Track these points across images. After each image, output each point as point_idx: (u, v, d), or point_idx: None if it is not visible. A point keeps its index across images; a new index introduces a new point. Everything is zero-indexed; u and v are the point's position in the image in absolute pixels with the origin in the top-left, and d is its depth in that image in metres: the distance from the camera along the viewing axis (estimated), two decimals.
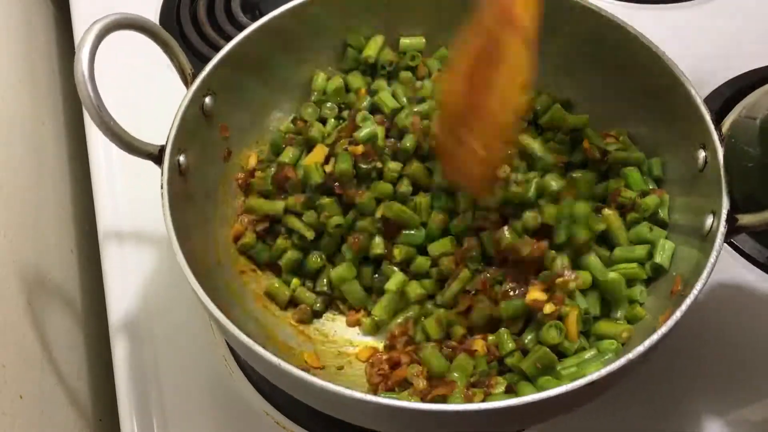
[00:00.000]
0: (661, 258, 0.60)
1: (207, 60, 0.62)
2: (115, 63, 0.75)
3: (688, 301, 0.50)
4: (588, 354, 0.58)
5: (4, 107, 0.72)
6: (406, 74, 0.72)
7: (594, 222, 0.61)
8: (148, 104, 0.78)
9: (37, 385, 0.62)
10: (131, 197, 0.74)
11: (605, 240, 0.63)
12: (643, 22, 0.65)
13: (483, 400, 0.54)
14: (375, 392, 0.58)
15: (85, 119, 0.81)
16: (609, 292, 0.60)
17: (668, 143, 0.64)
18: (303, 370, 0.48)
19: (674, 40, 0.72)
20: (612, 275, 0.60)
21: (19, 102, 0.77)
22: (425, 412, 0.47)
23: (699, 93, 0.58)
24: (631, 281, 0.61)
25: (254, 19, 0.87)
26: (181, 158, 0.58)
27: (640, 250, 0.61)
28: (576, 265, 0.60)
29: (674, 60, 0.60)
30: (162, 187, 0.55)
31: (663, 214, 0.63)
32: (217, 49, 0.82)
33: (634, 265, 0.61)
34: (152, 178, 0.57)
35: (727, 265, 0.68)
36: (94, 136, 0.79)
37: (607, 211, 0.63)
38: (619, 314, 0.60)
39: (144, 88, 0.81)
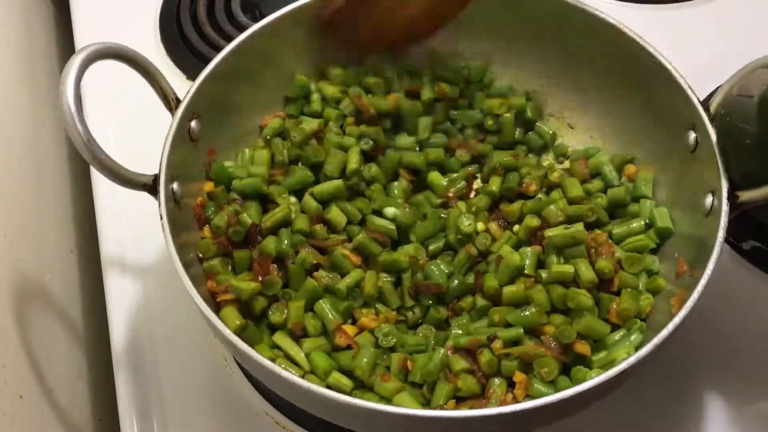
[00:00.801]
0: (662, 221, 0.61)
1: (207, 61, 0.62)
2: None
3: (703, 281, 0.50)
4: (617, 335, 0.57)
5: (4, 107, 0.72)
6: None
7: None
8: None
9: (37, 385, 0.62)
10: (132, 196, 0.74)
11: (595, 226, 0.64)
12: (642, 22, 0.65)
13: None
14: None
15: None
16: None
17: (656, 127, 0.64)
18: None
19: (674, 40, 0.72)
20: (623, 254, 0.60)
21: (19, 102, 0.77)
22: (462, 419, 0.46)
23: (698, 94, 0.58)
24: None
25: (254, 19, 0.87)
26: (175, 186, 0.58)
27: (637, 223, 0.62)
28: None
29: (674, 60, 0.61)
30: (161, 218, 0.54)
31: (647, 190, 0.64)
32: (218, 49, 0.83)
33: (641, 236, 0.61)
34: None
35: (726, 264, 0.68)
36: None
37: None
38: (641, 286, 0.60)
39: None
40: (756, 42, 0.82)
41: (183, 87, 0.59)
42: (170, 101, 0.60)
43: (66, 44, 0.97)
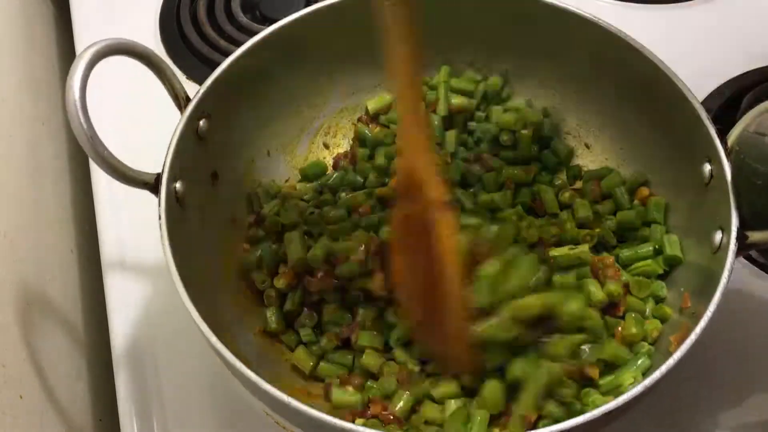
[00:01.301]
0: (671, 249, 0.60)
1: (207, 60, 0.62)
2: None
3: (702, 324, 0.49)
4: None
5: (4, 107, 0.72)
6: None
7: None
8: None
9: (37, 385, 0.62)
10: (132, 196, 0.74)
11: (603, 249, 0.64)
12: (641, 22, 0.65)
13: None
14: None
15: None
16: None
17: (673, 155, 0.63)
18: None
19: (673, 40, 0.72)
20: (630, 279, 0.60)
21: (19, 102, 0.77)
22: None
23: (699, 93, 0.58)
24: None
25: (254, 19, 0.87)
26: (178, 185, 0.57)
27: (646, 248, 0.62)
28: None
29: (674, 60, 0.60)
30: (160, 218, 0.54)
31: (658, 215, 0.63)
32: (218, 49, 0.83)
33: (649, 261, 0.61)
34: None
35: (738, 271, 0.68)
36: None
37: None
38: (647, 312, 0.60)
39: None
40: (756, 42, 0.82)
41: (183, 87, 0.59)
42: (180, 99, 0.59)
43: (66, 44, 0.97)
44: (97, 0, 0.90)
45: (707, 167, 0.57)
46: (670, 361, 0.48)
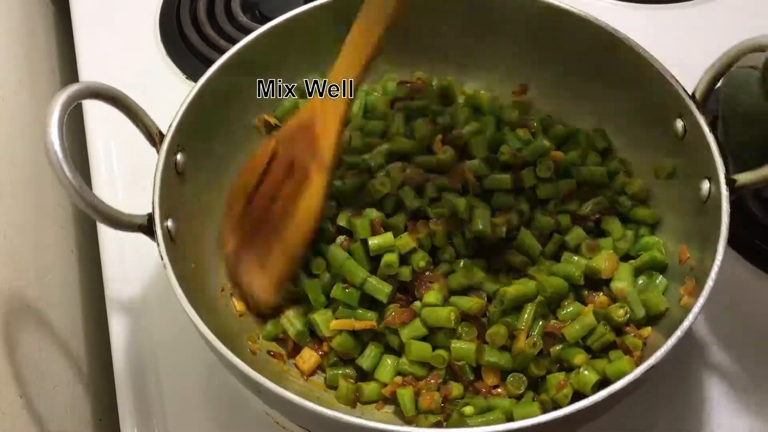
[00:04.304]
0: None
1: (207, 60, 0.62)
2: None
3: (715, 268, 0.50)
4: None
5: (4, 107, 0.72)
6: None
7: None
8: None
9: (37, 385, 0.62)
10: (132, 197, 0.74)
11: None
12: (640, 22, 0.65)
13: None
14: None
15: (85, 120, 0.81)
16: None
17: (642, 120, 0.64)
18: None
19: (673, 40, 0.72)
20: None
21: (19, 102, 0.77)
22: None
23: (694, 90, 0.58)
24: None
25: (254, 18, 0.87)
26: (169, 223, 0.56)
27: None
28: None
29: (674, 59, 0.60)
30: (162, 259, 0.53)
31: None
32: (218, 49, 0.83)
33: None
34: (147, 170, 0.57)
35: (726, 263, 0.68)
36: (94, 141, 0.79)
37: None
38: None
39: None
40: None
41: (183, 87, 0.59)
42: (154, 137, 0.58)
43: (66, 44, 0.97)
44: (97, 0, 0.90)
45: (679, 123, 0.58)
46: (696, 309, 0.48)
